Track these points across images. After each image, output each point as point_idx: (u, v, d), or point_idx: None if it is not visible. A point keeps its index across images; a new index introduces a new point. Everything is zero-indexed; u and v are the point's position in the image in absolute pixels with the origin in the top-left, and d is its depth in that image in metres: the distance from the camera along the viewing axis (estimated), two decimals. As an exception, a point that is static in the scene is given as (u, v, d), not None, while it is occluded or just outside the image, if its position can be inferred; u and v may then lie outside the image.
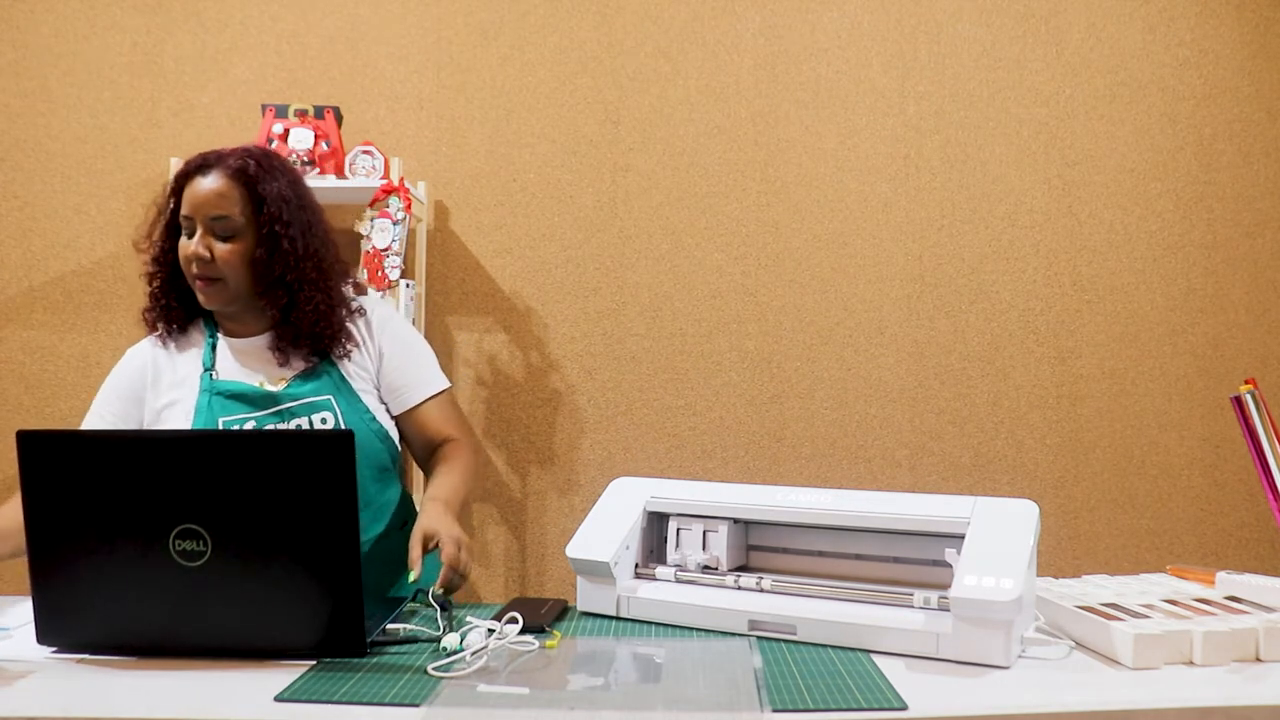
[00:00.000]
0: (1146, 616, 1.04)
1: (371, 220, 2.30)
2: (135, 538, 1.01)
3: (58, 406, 2.53)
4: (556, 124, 2.58)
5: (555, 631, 1.13)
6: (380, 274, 2.29)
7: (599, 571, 1.22)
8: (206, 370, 1.44)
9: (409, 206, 2.30)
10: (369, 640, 1.06)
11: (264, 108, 2.42)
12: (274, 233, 1.40)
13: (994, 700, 0.90)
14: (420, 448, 1.55)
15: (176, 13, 2.56)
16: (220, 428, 1.38)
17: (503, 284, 2.57)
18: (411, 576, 1.21)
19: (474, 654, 1.02)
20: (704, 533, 1.25)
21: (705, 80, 2.59)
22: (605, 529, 1.25)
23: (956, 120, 2.59)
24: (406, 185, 2.32)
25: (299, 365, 1.46)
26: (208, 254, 1.38)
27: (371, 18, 2.58)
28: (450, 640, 1.05)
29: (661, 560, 1.28)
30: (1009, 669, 0.98)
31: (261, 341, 1.48)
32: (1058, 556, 2.53)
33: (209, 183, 1.40)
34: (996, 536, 1.05)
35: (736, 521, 1.27)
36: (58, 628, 1.05)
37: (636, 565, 1.26)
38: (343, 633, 1.02)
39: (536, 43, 2.59)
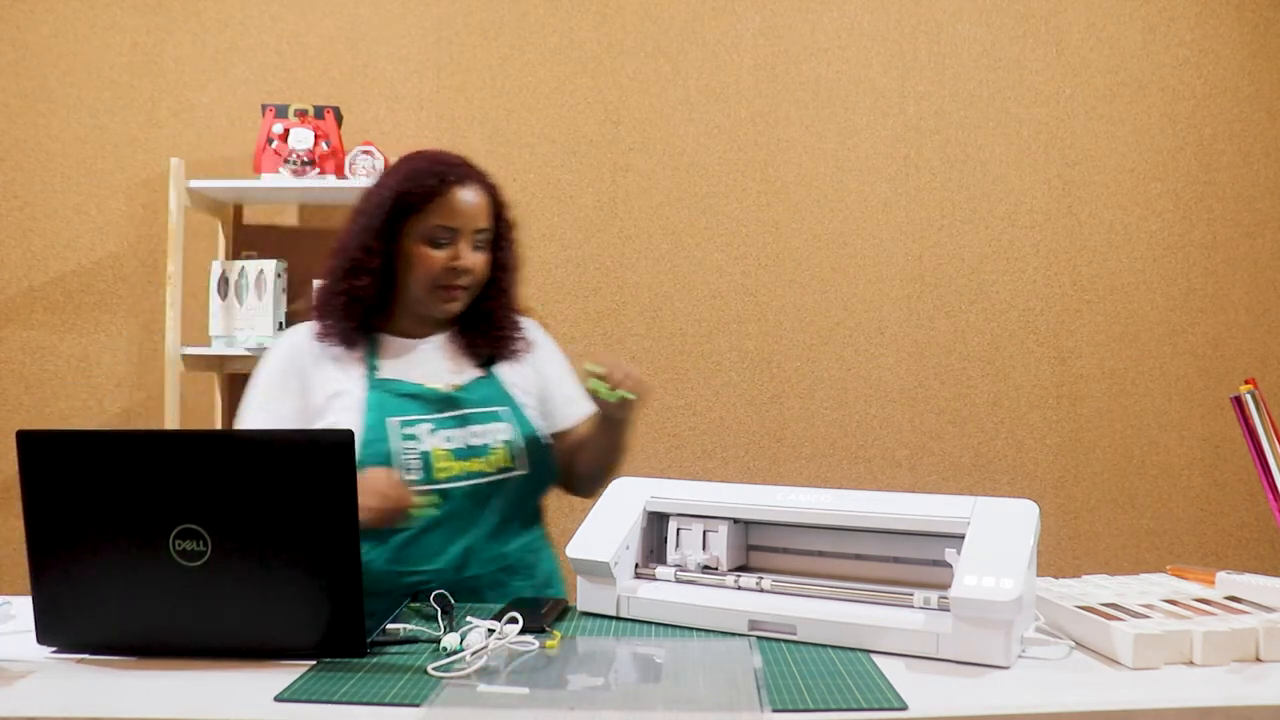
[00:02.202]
0: (1146, 616, 1.04)
1: (371, 220, 2.30)
2: (135, 538, 1.01)
3: (58, 406, 2.53)
4: (556, 124, 2.58)
5: (555, 631, 1.13)
6: (380, 274, 2.29)
7: (599, 571, 1.21)
8: (371, 369, 1.42)
9: (409, 206, 2.30)
10: (369, 640, 1.06)
11: (264, 108, 2.42)
12: (505, 245, 1.48)
13: (994, 700, 0.90)
14: (563, 465, 1.57)
15: (176, 13, 2.56)
16: (391, 428, 1.36)
17: (503, 284, 2.57)
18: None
19: (474, 654, 1.02)
20: (704, 533, 1.25)
21: (705, 80, 2.59)
22: (605, 529, 1.25)
23: (956, 120, 2.59)
24: (406, 185, 2.32)
25: (470, 373, 1.47)
26: (472, 265, 1.41)
27: (371, 18, 2.58)
28: (450, 640, 1.04)
29: (661, 560, 1.28)
30: (1009, 669, 0.98)
31: (432, 343, 1.48)
32: (1058, 556, 2.53)
33: (474, 196, 1.43)
34: (996, 536, 1.05)
35: (736, 521, 1.27)
36: (58, 628, 1.05)
37: (636, 565, 1.26)
38: (343, 633, 1.02)
39: (536, 43, 2.59)
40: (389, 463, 1.34)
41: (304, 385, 1.42)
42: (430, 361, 1.47)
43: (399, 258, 1.42)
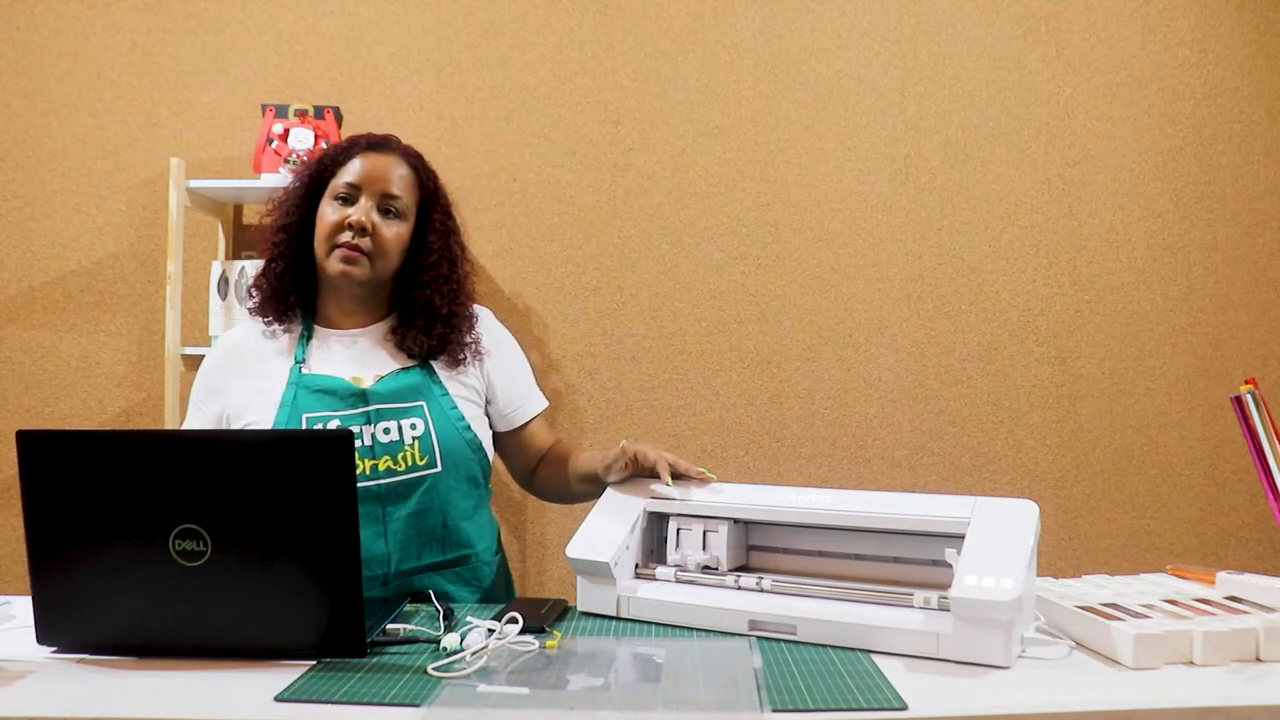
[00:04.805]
0: (1146, 616, 1.04)
1: (371, 220, 2.30)
2: (135, 538, 1.01)
3: (58, 406, 2.53)
4: (556, 124, 2.58)
5: (555, 631, 1.13)
6: (380, 274, 2.29)
7: (599, 571, 1.21)
8: (298, 363, 1.40)
9: (409, 206, 2.30)
10: (369, 640, 1.06)
11: (264, 108, 2.42)
12: (435, 227, 1.43)
13: (994, 700, 0.90)
14: (522, 464, 1.54)
15: (176, 13, 2.56)
16: (304, 423, 1.35)
17: (503, 284, 2.57)
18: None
19: (474, 654, 1.02)
20: (704, 533, 1.25)
21: (705, 80, 2.59)
22: (605, 529, 1.25)
23: (956, 120, 2.59)
24: (406, 185, 2.32)
25: (398, 363, 1.42)
26: (370, 225, 1.37)
27: (371, 18, 2.58)
28: (450, 640, 1.05)
29: (661, 560, 1.28)
30: (1009, 669, 0.98)
31: (367, 334, 1.44)
32: (1058, 556, 2.53)
33: (387, 161, 1.40)
34: (996, 536, 1.05)
35: (736, 521, 1.27)
36: (58, 628, 1.05)
37: (636, 565, 1.26)
38: (343, 633, 1.02)
39: (536, 43, 2.59)
40: None
41: (227, 389, 1.41)
42: (360, 354, 1.42)
43: (316, 225, 1.41)
